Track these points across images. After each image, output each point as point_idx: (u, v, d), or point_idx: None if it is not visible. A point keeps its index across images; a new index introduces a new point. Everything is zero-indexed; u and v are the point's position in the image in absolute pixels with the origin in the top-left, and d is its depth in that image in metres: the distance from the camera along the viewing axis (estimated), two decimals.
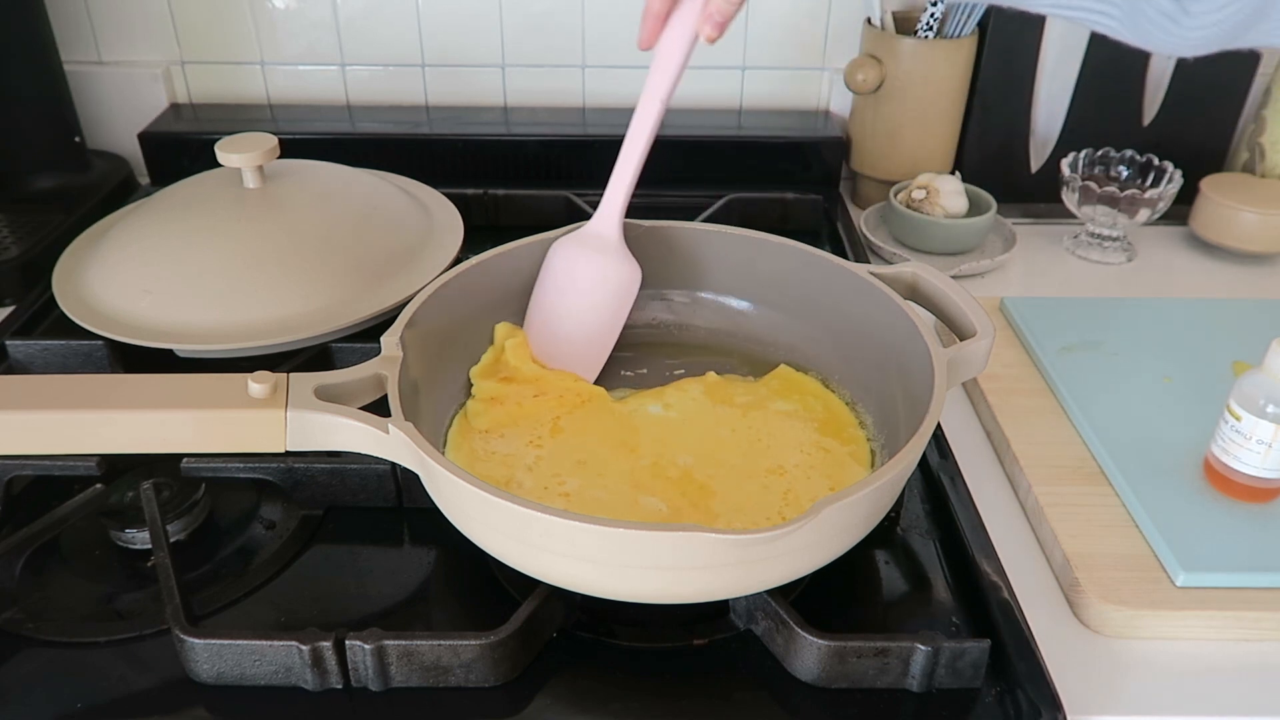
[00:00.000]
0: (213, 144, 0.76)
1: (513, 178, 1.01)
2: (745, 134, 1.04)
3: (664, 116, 0.64)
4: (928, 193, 0.93)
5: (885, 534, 0.61)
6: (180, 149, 1.00)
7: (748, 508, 0.58)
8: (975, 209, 0.94)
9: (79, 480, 0.62)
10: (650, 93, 0.63)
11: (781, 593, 0.52)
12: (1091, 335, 0.77)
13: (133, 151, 1.02)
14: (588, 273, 0.68)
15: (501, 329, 0.68)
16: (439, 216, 0.84)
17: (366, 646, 0.49)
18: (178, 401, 0.52)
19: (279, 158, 0.77)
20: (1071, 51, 0.95)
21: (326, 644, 0.49)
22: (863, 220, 0.98)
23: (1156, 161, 0.93)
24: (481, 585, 0.57)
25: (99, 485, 0.61)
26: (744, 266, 0.72)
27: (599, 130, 1.03)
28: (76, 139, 0.99)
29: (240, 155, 0.75)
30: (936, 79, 0.95)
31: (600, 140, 1.01)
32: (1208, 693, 0.53)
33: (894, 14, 0.96)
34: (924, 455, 0.64)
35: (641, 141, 0.64)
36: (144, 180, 1.03)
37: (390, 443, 0.52)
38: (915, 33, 0.95)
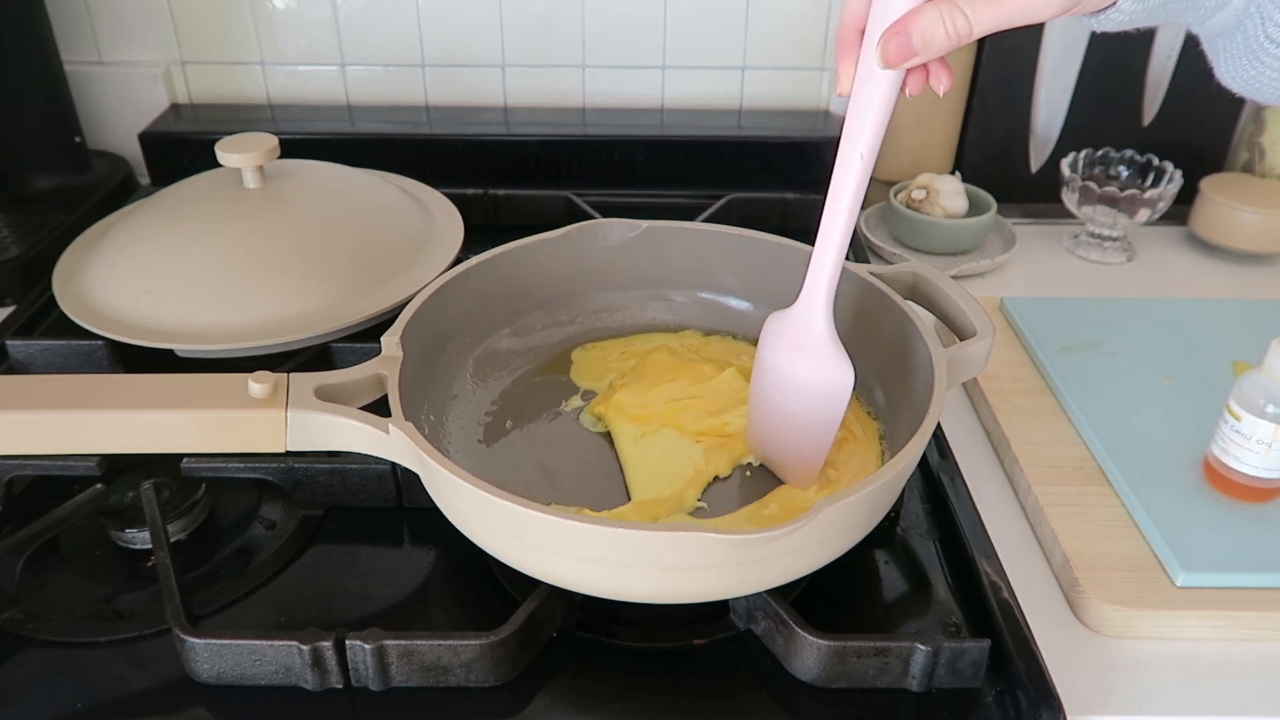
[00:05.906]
0: (213, 144, 0.76)
1: (513, 178, 1.01)
2: (745, 134, 1.04)
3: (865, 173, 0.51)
4: (928, 193, 0.93)
5: (885, 534, 0.60)
6: (180, 149, 1.00)
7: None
8: (975, 209, 0.94)
9: (79, 480, 0.62)
10: (847, 143, 0.50)
11: (781, 593, 0.52)
12: (1091, 335, 0.77)
13: (133, 151, 1.02)
14: (793, 373, 0.57)
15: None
16: (439, 216, 0.84)
17: (366, 646, 0.49)
18: (178, 401, 0.52)
19: (279, 158, 0.77)
20: (1071, 51, 0.95)
21: (326, 644, 0.49)
22: (863, 220, 0.98)
23: (1156, 161, 0.93)
24: (481, 585, 0.57)
25: (99, 485, 0.61)
26: (744, 266, 0.72)
27: (599, 130, 1.03)
28: (77, 139, 0.99)
29: (240, 155, 0.75)
30: None
31: (600, 140, 1.02)
32: (1208, 693, 0.53)
33: None
34: (924, 455, 0.64)
35: (843, 209, 0.51)
36: (144, 180, 1.03)
37: (390, 443, 0.52)
38: None
